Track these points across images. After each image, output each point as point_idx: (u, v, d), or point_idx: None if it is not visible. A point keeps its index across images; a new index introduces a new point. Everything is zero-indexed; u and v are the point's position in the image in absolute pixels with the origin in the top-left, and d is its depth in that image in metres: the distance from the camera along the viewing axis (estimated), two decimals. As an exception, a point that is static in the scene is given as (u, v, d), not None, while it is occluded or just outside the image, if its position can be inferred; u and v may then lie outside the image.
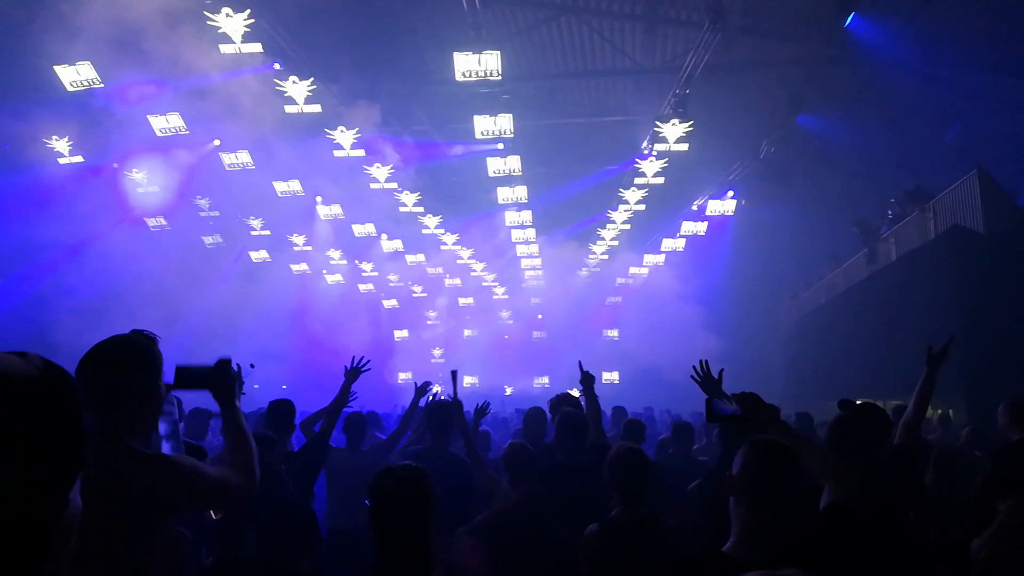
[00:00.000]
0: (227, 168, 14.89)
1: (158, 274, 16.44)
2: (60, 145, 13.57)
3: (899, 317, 11.39)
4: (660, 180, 15.60)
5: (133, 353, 2.18)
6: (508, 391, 23.86)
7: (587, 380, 5.16)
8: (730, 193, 17.50)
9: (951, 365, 9.03)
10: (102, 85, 11.25)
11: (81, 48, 10.81)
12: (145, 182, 15.49)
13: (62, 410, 0.98)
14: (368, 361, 5.54)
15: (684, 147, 14.26)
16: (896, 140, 14.12)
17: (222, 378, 2.47)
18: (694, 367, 3.74)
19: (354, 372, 5.31)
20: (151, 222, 16.91)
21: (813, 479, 2.74)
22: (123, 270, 15.46)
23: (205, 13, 10.49)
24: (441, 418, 5.08)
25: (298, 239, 19.80)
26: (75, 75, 11.15)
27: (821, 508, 2.59)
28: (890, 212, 13.09)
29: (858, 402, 4.66)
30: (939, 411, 9.31)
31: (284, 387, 20.64)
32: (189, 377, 2.44)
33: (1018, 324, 8.59)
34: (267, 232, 18.73)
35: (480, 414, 5.41)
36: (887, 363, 11.43)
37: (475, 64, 11.77)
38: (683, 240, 19.32)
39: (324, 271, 21.78)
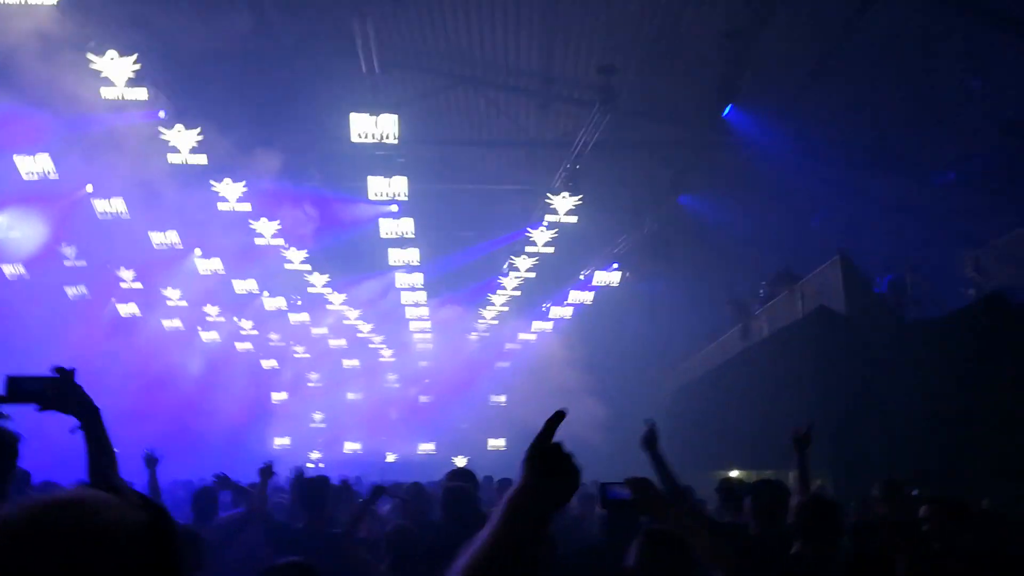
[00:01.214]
0: (99, 216, 14.06)
1: (10, 327, 15.11)
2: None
3: (770, 390, 11.97)
4: (550, 249, 15.98)
5: None
6: (390, 458, 23.22)
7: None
8: (615, 265, 18.12)
9: (815, 438, 9.49)
10: (-38, 121, 10.44)
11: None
12: (5, 227, 14.34)
13: (167, 557, 0.93)
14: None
15: (573, 219, 14.73)
16: (767, 223, 15.13)
17: (64, 385, 2.17)
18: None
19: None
20: (8, 270, 15.61)
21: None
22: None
23: (88, 56, 9.99)
24: (315, 494, 4.78)
25: (172, 293, 18.78)
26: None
27: None
28: (762, 291, 13.91)
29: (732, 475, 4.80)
30: (818, 481, 9.74)
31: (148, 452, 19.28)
32: (25, 389, 2.14)
33: (874, 398, 9.20)
34: (139, 285, 17.66)
35: (378, 493, 5.00)
36: (759, 435, 11.93)
37: (372, 126, 11.79)
38: (571, 308, 19.74)
39: (199, 327, 20.70)
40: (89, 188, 13.84)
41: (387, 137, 11.86)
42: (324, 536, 4.44)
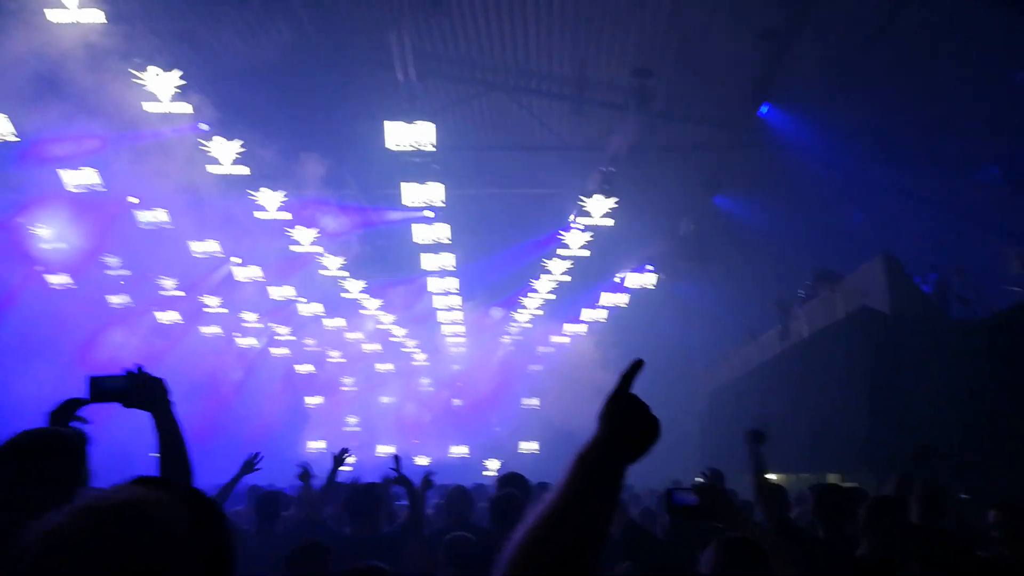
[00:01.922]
0: (142, 226, 14.35)
1: (57, 334, 15.47)
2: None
3: (812, 392, 11.86)
4: (585, 252, 15.98)
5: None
6: (422, 461, 23.32)
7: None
8: (650, 267, 18.06)
9: (858, 441, 9.36)
10: (17, 139, 10.72)
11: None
12: (52, 238, 14.68)
13: (216, 553, 0.92)
14: (261, 458, 5.26)
15: (609, 222, 14.72)
16: (804, 224, 14.97)
17: (144, 383, 2.28)
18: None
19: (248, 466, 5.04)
20: (53, 280, 15.98)
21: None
22: (22, 330, 14.51)
23: (131, 71, 10.22)
24: (366, 501, 4.80)
25: (212, 300, 19.09)
26: (-13, 127, 10.61)
27: None
28: (802, 291, 13.77)
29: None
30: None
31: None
32: (107, 388, 2.26)
33: (923, 400, 9.07)
34: (180, 293, 17.99)
35: (427, 486, 4.98)
36: (797, 437, 11.83)
37: (407, 134, 11.91)
38: (604, 311, 19.70)
39: (236, 334, 21.01)
40: (133, 200, 14.13)
41: (423, 145, 11.97)
42: (376, 540, 4.47)
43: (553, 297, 19.25)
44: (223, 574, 0.91)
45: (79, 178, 12.29)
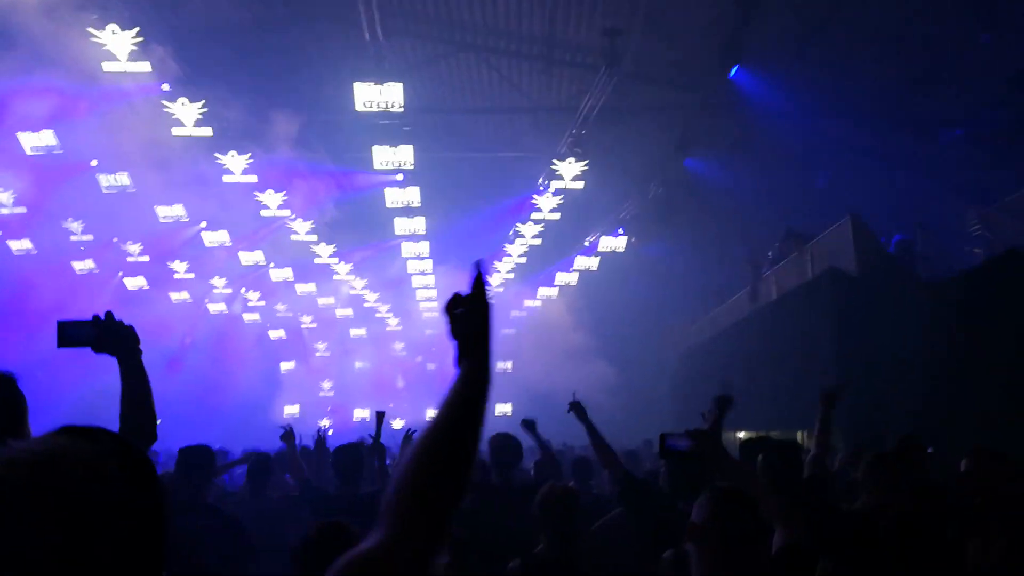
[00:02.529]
0: (104, 190, 14.04)
1: (19, 303, 15.17)
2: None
3: (781, 352, 12.04)
4: (556, 216, 15.96)
5: None
6: (398, 424, 23.43)
7: (576, 409, 4.48)
8: (621, 230, 18.11)
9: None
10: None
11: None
12: (10, 203, 14.30)
13: (143, 508, 0.89)
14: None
15: (580, 185, 14.70)
16: (773, 185, 15.07)
17: (112, 329, 2.26)
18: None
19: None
20: (15, 246, 15.63)
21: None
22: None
23: (89, 29, 9.90)
24: (349, 461, 4.85)
25: (179, 266, 18.81)
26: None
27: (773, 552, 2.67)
28: (771, 252, 13.91)
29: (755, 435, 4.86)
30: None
31: (159, 421, 19.44)
32: (74, 333, 2.24)
33: (887, 360, 9.27)
34: (146, 258, 17.68)
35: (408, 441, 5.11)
36: (767, 396, 12.04)
37: (376, 95, 11.71)
38: (576, 275, 19.77)
39: (207, 300, 20.77)
40: (94, 163, 13.79)
41: (392, 106, 11.80)
42: (362, 498, 4.51)
43: (525, 261, 19.26)
44: (152, 529, 0.89)
45: (37, 140, 11.94)
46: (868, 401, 8.74)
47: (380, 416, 5.22)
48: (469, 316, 1.24)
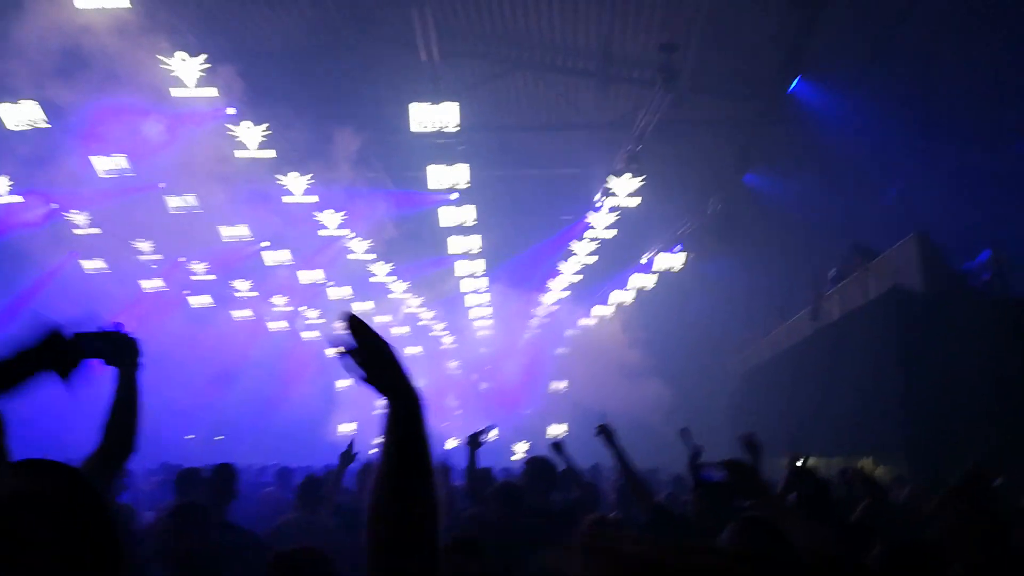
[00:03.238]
0: (172, 211, 14.52)
1: (94, 320, 15.75)
2: (-1, 184, 13.07)
3: (844, 374, 11.62)
4: (611, 233, 15.83)
5: None
6: (451, 444, 23.46)
7: (605, 433, 4.49)
8: (678, 247, 17.85)
9: (891, 424, 9.15)
10: (48, 125, 10.88)
11: (26, 84, 10.46)
12: (85, 224, 14.94)
13: (97, 532, 0.91)
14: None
15: (635, 201, 14.54)
16: (837, 201, 14.62)
17: (119, 341, 2.29)
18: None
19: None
20: (87, 265, 16.29)
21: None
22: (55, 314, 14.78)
23: (159, 57, 10.29)
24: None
25: (242, 285, 19.32)
26: (19, 114, 10.77)
27: None
28: (833, 271, 13.48)
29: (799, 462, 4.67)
30: (879, 468, 9.45)
31: (220, 437, 19.91)
32: (87, 346, 2.25)
33: (955, 384, 8.84)
34: (212, 277, 18.22)
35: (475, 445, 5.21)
36: (829, 420, 11.63)
37: (431, 115, 11.85)
38: (632, 292, 19.55)
39: (266, 318, 21.26)
40: (162, 185, 14.29)
41: (448, 126, 11.91)
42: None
43: (580, 279, 19.13)
44: (105, 554, 0.90)
45: (109, 164, 12.45)
46: (936, 427, 8.35)
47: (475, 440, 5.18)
48: (368, 358, 1.26)
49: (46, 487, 0.91)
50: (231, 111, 11.90)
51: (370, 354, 1.26)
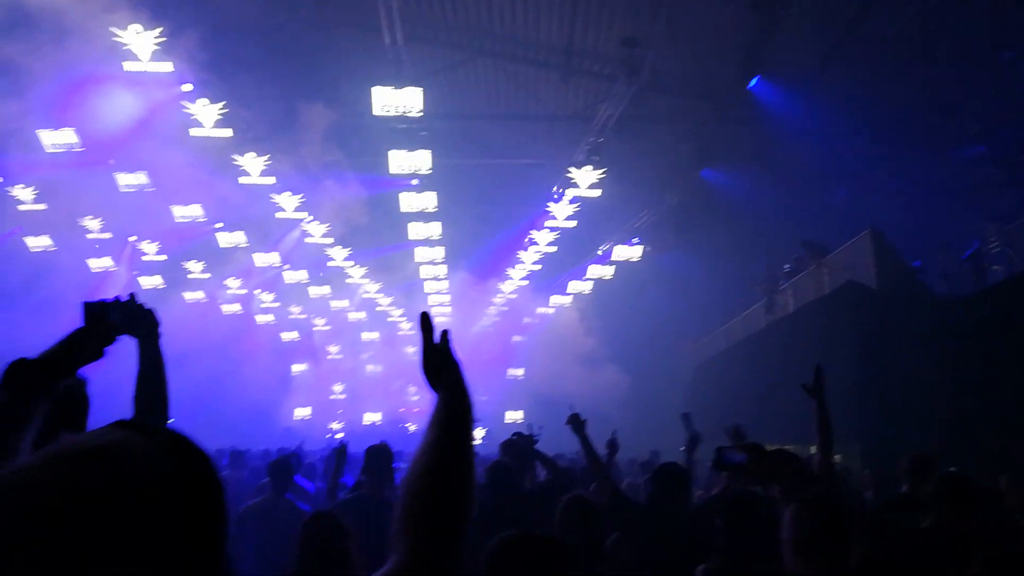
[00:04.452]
0: (122, 189, 14.11)
1: (36, 300, 15.26)
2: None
3: (795, 366, 11.89)
4: (572, 224, 15.91)
5: None
6: (412, 428, 23.40)
7: (574, 421, 4.55)
8: (636, 240, 18.04)
9: (844, 415, 9.43)
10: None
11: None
12: (30, 200, 14.42)
13: (203, 503, 0.84)
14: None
15: (596, 193, 14.65)
16: (791, 198, 14.96)
17: (135, 311, 2.27)
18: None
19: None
20: (32, 243, 15.74)
21: None
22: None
23: (111, 29, 9.96)
24: (379, 463, 4.81)
25: (195, 266, 18.91)
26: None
27: None
28: (787, 265, 13.80)
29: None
30: (838, 457, 9.71)
31: (171, 420, 19.52)
32: (98, 315, 2.23)
33: (908, 374, 9.15)
34: (163, 258, 17.77)
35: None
36: (782, 410, 11.90)
37: (395, 99, 11.72)
38: (590, 283, 19.71)
39: (220, 300, 20.84)
40: (112, 161, 13.87)
41: (411, 110, 11.80)
42: (378, 501, 4.44)
43: (539, 268, 19.21)
44: (209, 522, 0.85)
45: (57, 138, 12.03)
46: (887, 417, 8.62)
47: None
48: (435, 354, 1.41)
49: (160, 446, 0.86)
50: (187, 88, 11.60)
51: (436, 352, 1.40)
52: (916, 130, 13.93)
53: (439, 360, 1.40)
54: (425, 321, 1.43)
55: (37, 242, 15.76)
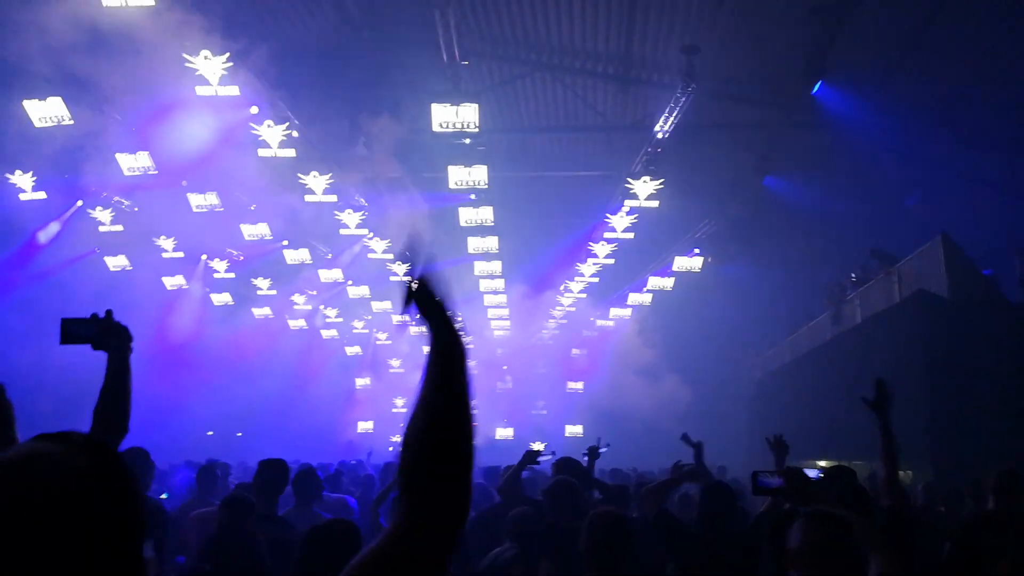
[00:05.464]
0: (194, 209, 14.66)
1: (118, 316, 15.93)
2: (23, 180, 13.24)
3: (862, 379, 11.51)
4: (630, 235, 15.80)
5: None
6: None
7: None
8: (696, 250, 17.77)
9: (915, 429, 9.08)
10: (71, 122, 11.03)
11: (52, 82, 10.62)
12: (108, 221, 15.13)
13: (112, 494, 0.92)
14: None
15: (654, 204, 14.51)
16: (858, 205, 14.53)
17: (110, 327, 2.35)
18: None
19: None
20: (111, 262, 16.48)
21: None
22: (80, 311, 14.97)
23: (184, 56, 10.42)
24: None
25: (263, 283, 19.49)
26: (44, 110, 10.92)
27: None
28: (854, 275, 13.38)
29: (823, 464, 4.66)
30: (907, 472, 9.35)
31: (239, 434, 20.07)
32: (75, 331, 2.34)
33: (981, 387, 8.75)
34: (231, 275, 18.38)
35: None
36: (847, 424, 11.52)
37: (452, 115, 11.90)
38: (650, 295, 19.49)
39: (287, 316, 21.40)
40: (184, 183, 14.43)
41: (468, 126, 11.95)
42: None
43: (597, 280, 19.11)
44: (126, 522, 0.92)
45: (133, 162, 12.60)
46: (959, 431, 8.26)
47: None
48: (418, 290, 1.27)
49: (71, 449, 0.95)
50: (254, 110, 12.01)
51: (416, 297, 1.27)
52: (991, 132, 13.38)
53: (422, 305, 1.27)
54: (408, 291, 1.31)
55: (116, 262, 16.48)
